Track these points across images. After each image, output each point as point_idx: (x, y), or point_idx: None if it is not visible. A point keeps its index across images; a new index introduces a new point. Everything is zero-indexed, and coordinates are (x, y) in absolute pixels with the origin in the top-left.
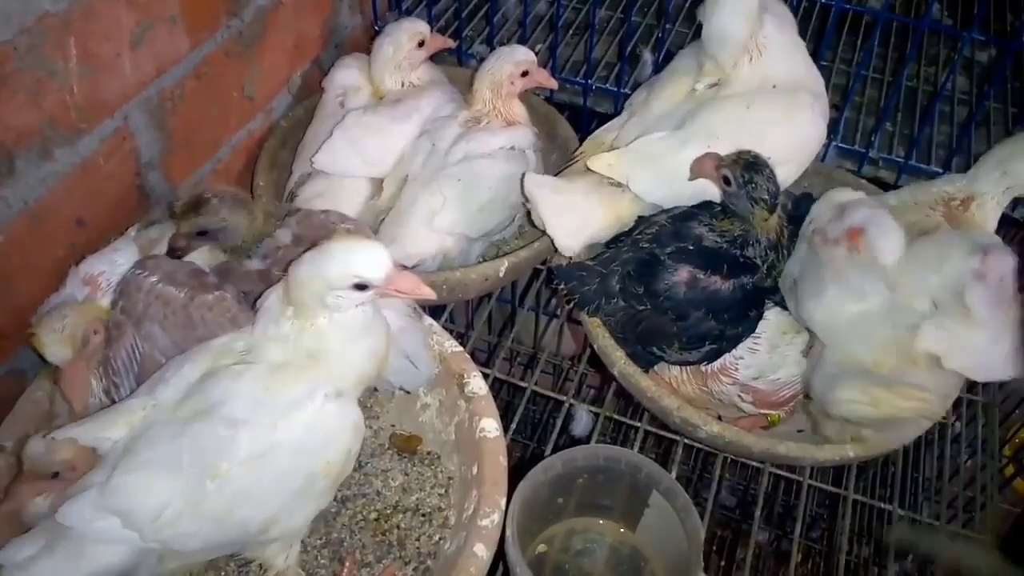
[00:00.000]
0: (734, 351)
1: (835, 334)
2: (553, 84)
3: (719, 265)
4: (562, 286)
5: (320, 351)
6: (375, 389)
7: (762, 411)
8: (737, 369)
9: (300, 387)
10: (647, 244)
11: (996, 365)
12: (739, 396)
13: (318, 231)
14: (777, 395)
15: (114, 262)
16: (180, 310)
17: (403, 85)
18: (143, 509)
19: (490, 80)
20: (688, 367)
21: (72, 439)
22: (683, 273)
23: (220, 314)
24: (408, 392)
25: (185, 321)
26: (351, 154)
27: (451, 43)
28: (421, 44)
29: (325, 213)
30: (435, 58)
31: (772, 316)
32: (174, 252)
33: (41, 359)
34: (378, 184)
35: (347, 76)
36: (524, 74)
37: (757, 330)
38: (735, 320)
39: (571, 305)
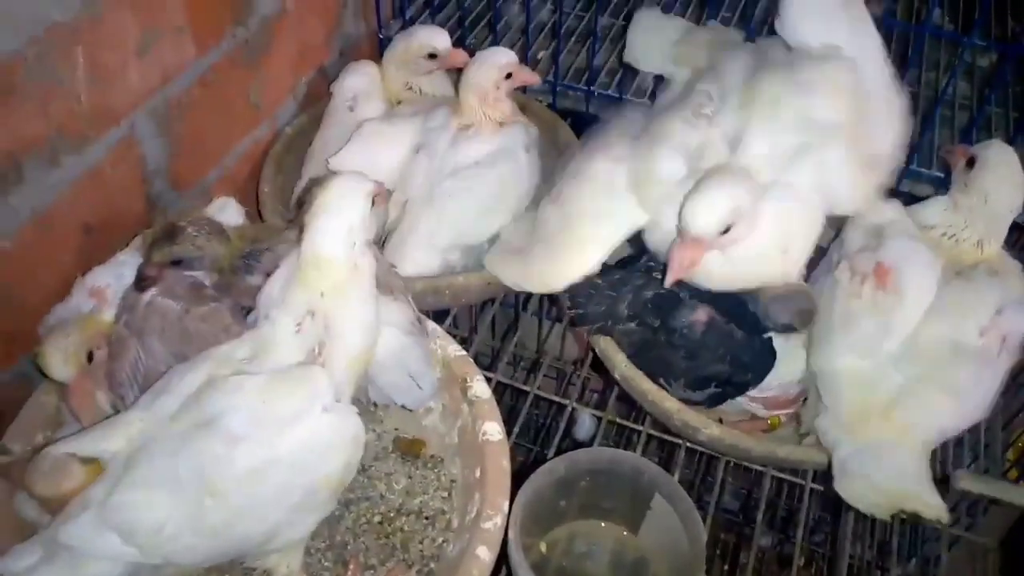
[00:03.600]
0: None
1: (832, 388)
2: (536, 80)
3: (740, 316)
4: (567, 297)
5: (336, 312)
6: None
7: (773, 412)
8: None
9: (297, 399)
10: (659, 275)
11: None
12: (750, 403)
13: None
14: (786, 395)
15: (120, 275)
16: (176, 323)
17: (407, 85)
18: (143, 526)
19: (476, 89)
20: None
21: (72, 457)
22: (702, 313)
23: (213, 325)
24: (411, 410)
25: (181, 334)
26: (366, 162)
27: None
28: (432, 56)
29: None
30: None
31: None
32: (142, 282)
33: (44, 376)
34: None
35: (357, 82)
36: (507, 76)
37: None
38: (746, 367)
39: (571, 317)
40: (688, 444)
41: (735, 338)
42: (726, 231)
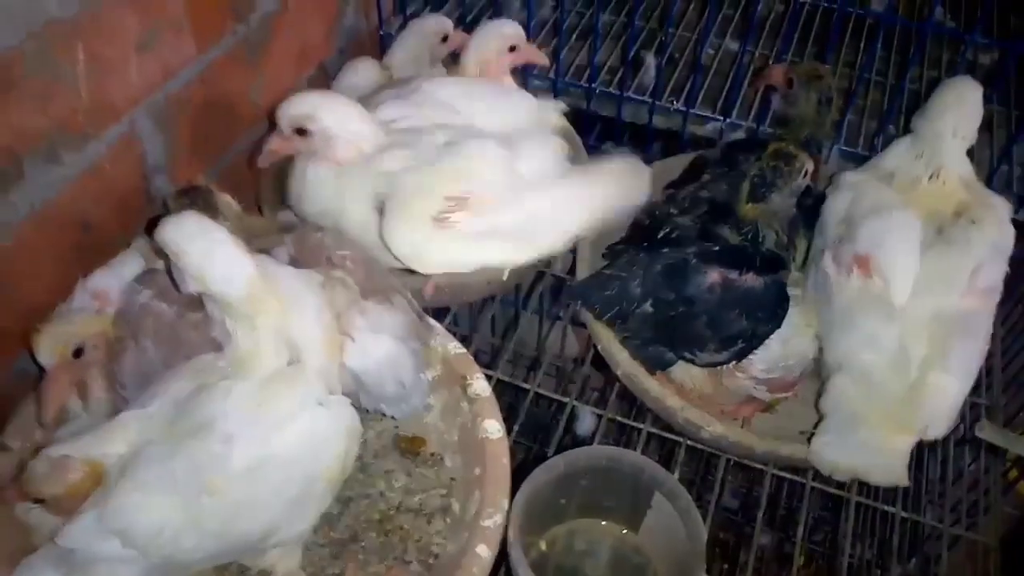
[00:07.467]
0: None
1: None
2: (543, 60)
3: (751, 263)
4: (578, 303)
5: (285, 320)
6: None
7: (775, 395)
8: (752, 364)
9: (292, 398)
10: (667, 248)
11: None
12: (754, 388)
13: (313, 253)
14: (791, 376)
15: (122, 276)
16: (168, 327)
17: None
18: (143, 528)
19: (478, 56)
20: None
21: (69, 458)
22: (714, 275)
23: (202, 334)
24: (395, 419)
25: (172, 338)
26: None
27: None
28: (445, 39)
29: (321, 233)
30: None
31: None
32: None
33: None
34: None
35: (356, 79)
36: (512, 49)
37: None
38: (766, 318)
39: (593, 315)
40: (688, 442)
41: (753, 293)
42: (303, 133)
